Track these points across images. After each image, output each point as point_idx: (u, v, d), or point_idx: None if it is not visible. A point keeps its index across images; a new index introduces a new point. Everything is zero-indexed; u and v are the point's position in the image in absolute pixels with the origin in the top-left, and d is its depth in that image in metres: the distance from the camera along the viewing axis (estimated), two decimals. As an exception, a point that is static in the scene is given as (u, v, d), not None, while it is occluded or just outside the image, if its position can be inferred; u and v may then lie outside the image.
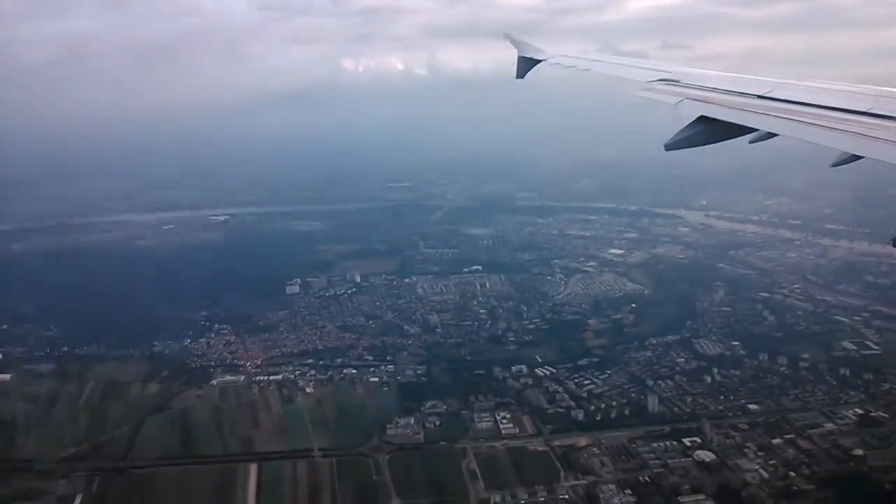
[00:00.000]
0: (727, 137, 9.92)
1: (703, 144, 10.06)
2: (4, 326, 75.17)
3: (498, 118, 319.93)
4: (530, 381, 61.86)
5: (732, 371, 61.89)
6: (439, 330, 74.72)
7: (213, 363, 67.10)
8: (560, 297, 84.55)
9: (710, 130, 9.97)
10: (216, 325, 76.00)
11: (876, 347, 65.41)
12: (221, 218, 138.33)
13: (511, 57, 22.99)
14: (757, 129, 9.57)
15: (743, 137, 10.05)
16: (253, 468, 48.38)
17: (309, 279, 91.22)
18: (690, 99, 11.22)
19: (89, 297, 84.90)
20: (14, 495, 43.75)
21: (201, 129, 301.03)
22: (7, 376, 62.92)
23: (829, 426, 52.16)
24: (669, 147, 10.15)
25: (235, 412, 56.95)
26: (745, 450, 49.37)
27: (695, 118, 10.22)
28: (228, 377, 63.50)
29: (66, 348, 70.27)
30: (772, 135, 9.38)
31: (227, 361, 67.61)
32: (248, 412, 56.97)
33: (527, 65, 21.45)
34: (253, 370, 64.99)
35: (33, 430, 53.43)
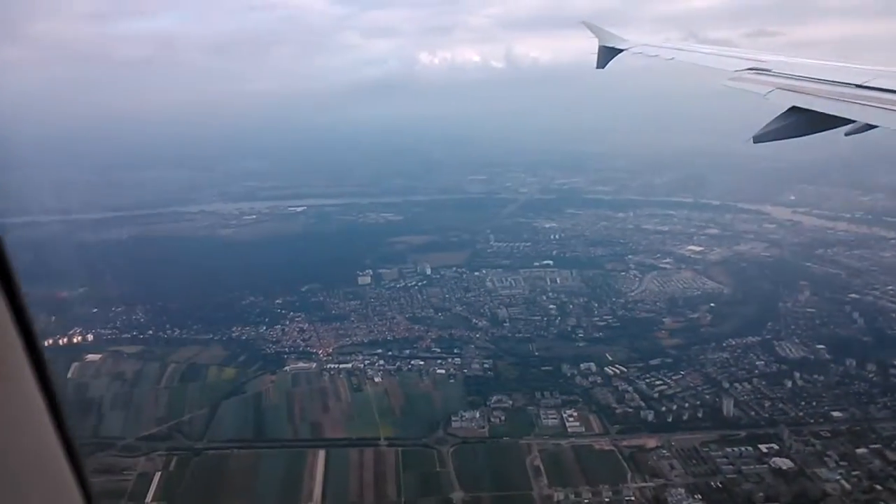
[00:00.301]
0: (821, 129, 9.50)
1: (795, 136, 9.69)
2: (96, 310, 79.81)
3: (576, 110, 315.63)
4: (599, 379, 60.65)
5: (816, 376, 58.71)
6: (507, 324, 74.33)
7: (286, 349, 69.16)
8: (634, 294, 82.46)
9: (802, 122, 9.57)
10: (291, 313, 78.27)
11: (979, 356, 60.68)
12: (300, 209, 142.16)
13: (591, 47, 22.57)
14: (854, 121, 9.04)
15: (838, 129, 9.55)
16: (321, 454, 49.62)
17: (381, 270, 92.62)
18: (782, 89, 10.79)
19: (175, 284, 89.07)
20: (97, 469, 46.47)
21: (283, 121, 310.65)
22: (98, 356, 66.86)
23: (923, 439, 48.77)
24: (759, 139, 9.87)
25: (306, 398, 58.57)
26: (826, 459, 46.84)
27: (786, 109, 9.82)
28: (301, 364, 65.34)
29: (151, 331, 74.09)
30: (870, 126, 8.88)
31: (300, 348, 69.54)
32: (319, 399, 58.45)
33: (608, 54, 21.19)
34: (324, 358, 66.62)
35: (119, 409, 56.67)
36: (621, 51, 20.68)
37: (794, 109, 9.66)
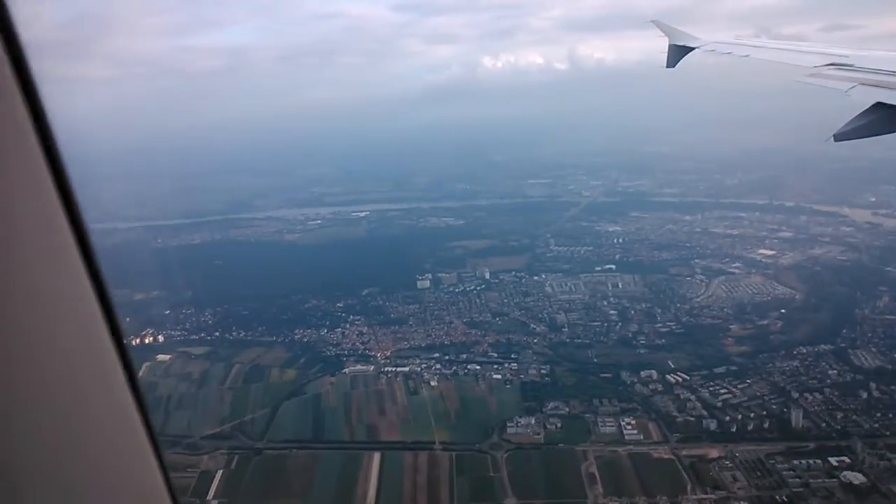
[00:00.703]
0: None
1: (880, 134, 9.29)
2: (168, 311, 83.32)
3: (643, 110, 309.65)
4: (660, 387, 59.01)
5: (893, 387, 55.44)
6: (566, 330, 73.33)
7: (346, 352, 70.34)
8: (699, 299, 79.97)
9: (888, 119, 9.20)
10: (351, 317, 79.59)
11: None
12: (362, 214, 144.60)
13: (659, 46, 22.34)
14: None
15: None
16: (376, 456, 50.21)
17: (440, 274, 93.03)
18: (865, 84, 10.39)
19: (241, 287, 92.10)
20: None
21: (349, 129, 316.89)
22: (168, 356, 69.77)
23: None
24: (840, 137, 9.58)
25: (363, 401, 59.40)
26: (903, 475, 44.17)
27: (870, 105, 9.46)
28: (359, 366, 66.37)
29: (218, 333, 76.80)
30: None
31: (359, 351, 70.59)
32: (375, 401, 59.17)
33: (678, 53, 20.92)
34: (382, 361, 67.45)
35: (185, 408, 58.95)
36: (692, 49, 20.39)
37: (878, 106, 9.33)
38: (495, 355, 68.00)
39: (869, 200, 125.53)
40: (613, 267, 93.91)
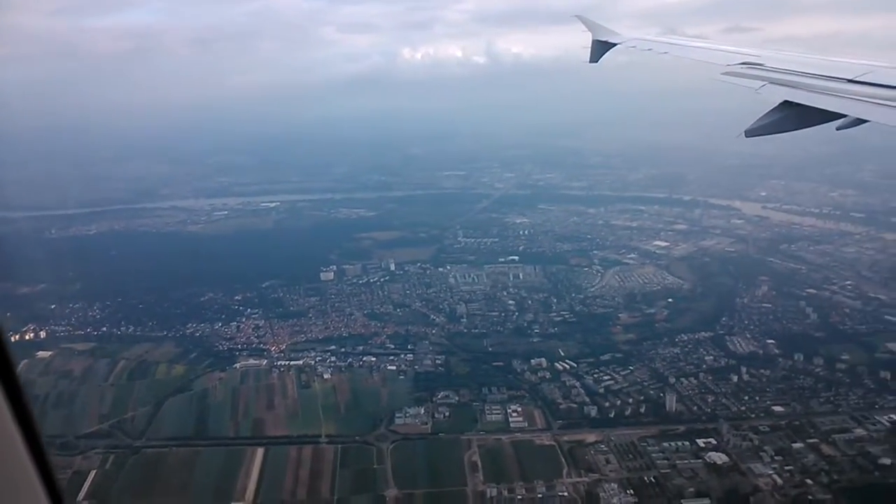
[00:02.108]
0: (813, 124, 9.53)
1: (787, 131, 9.72)
2: (53, 306, 79.19)
3: (560, 105, 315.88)
4: (548, 374, 60.61)
5: (762, 371, 58.96)
6: (464, 320, 74.21)
7: (239, 347, 68.79)
8: (594, 289, 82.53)
9: (794, 116, 9.60)
10: (248, 310, 77.92)
11: (926, 350, 61.05)
12: (272, 204, 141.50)
13: (576, 42, 22.46)
14: (846, 115, 9.04)
15: (829, 124, 9.62)
16: (259, 452, 49.38)
17: (345, 266, 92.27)
18: (774, 83, 10.79)
19: (135, 280, 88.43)
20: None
21: (263, 116, 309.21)
22: (48, 353, 66.27)
23: (859, 432, 49.05)
24: (750, 133, 9.85)
25: (252, 396, 58.27)
26: (762, 453, 47.01)
27: (778, 103, 9.83)
28: (252, 361, 65.05)
29: (105, 328, 73.57)
30: (861, 121, 8.89)
31: (253, 345, 69.21)
32: (265, 396, 58.16)
33: (601, 49, 21.20)
34: (276, 354, 66.33)
35: (62, 407, 56.19)
36: (614, 45, 20.72)
37: (786, 104, 9.69)
38: (392, 346, 68.09)
39: (760, 195, 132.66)
40: (517, 258, 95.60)
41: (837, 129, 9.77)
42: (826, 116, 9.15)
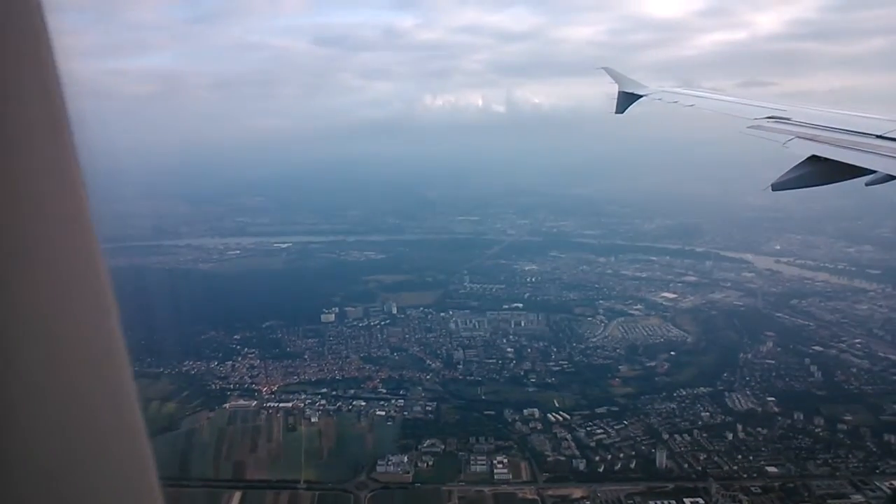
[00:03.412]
0: (841, 179, 9.48)
1: (814, 185, 9.74)
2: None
3: (579, 154, 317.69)
4: (539, 425, 59.31)
5: (759, 429, 57.03)
6: (461, 366, 73.32)
7: (231, 386, 68.54)
8: (596, 339, 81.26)
9: (822, 171, 9.55)
10: (246, 349, 77.81)
11: (934, 415, 58.72)
12: (284, 245, 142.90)
13: (591, 92, 22.97)
14: (875, 171, 8.95)
15: (857, 180, 9.54)
16: (236, 496, 48.63)
17: (347, 308, 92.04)
18: (801, 137, 10.80)
19: (140, 316, 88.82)
20: None
21: (284, 159, 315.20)
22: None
23: (857, 498, 46.93)
24: (778, 187, 9.92)
25: (237, 437, 57.73)
26: (752, 517, 45.19)
27: (805, 158, 9.81)
28: (242, 401, 64.65)
29: (102, 364, 73.72)
30: (891, 177, 8.82)
31: (246, 385, 68.91)
32: (249, 438, 57.59)
33: (627, 100, 21.38)
34: (266, 395, 65.92)
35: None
36: (640, 97, 20.84)
37: (813, 158, 9.65)
38: (384, 391, 67.34)
39: (774, 248, 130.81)
40: (521, 305, 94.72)
41: (867, 184, 9.66)
42: (854, 172, 9.10)
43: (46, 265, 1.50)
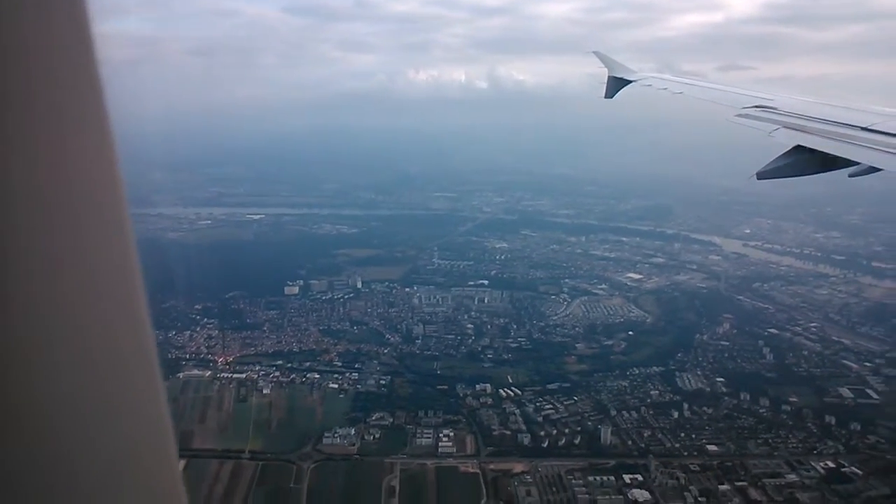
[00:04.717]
0: (825, 169, 9.68)
1: (799, 175, 9.88)
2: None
3: (560, 133, 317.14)
4: (490, 400, 59.80)
5: (705, 408, 57.89)
6: (419, 341, 73.56)
7: (188, 356, 68.33)
8: (557, 318, 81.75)
9: (807, 161, 9.73)
10: (205, 319, 77.61)
11: (876, 397, 59.65)
12: (257, 217, 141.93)
13: (573, 72, 22.92)
14: (859, 163, 9.15)
15: (841, 171, 9.76)
16: (180, 464, 48.44)
17: (312, 281, 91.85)
18: (787, 127, 10.92)
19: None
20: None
21: (262, 128, 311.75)
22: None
23: (791, 477, 47.85)
24: (762, 176, 10.05)
25: (186, 407, 57.57)
26: (686, 493, 45.91)
27: (791, 147, 9.95)
28: (196, 371, 64.51)
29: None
30: (874, 169, 8.97)
31: (202, 356, 68.75)
32: (199, 408, 57.55)
33: (616, 85, 21.49)
34: (221, 366, 65.81)
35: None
36: (630, 82, 20.97)
37: (799, 148, 9.78)
38: (339, 364, 67.43)
39: (744, 232, 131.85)
40: (486, 282, 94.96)
41: (850, 176, 9.87)
42: (838, 163, 9.28)
43: (82, 262, 1.46)
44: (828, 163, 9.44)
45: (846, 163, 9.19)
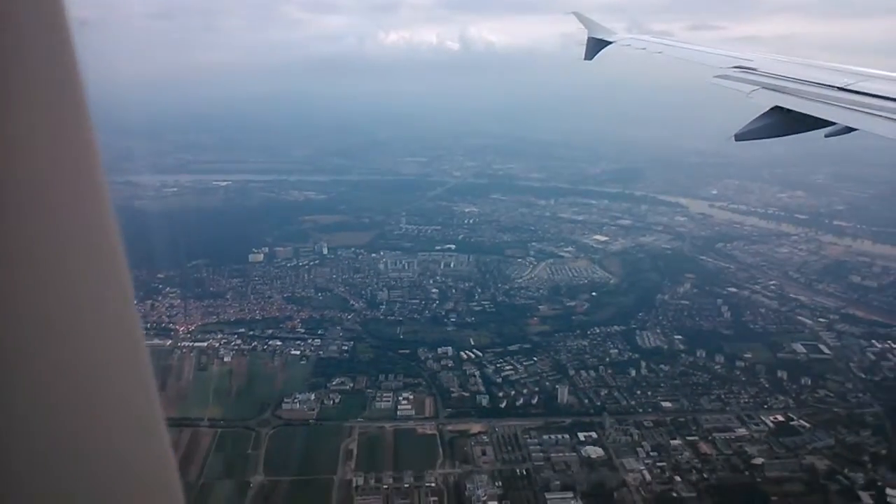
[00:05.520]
0: (802, 130, 9.66)
1: (776, 136, 9.83)
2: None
3: (533, 96, 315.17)
4: (451, 363, 60.25)
5: (661, 366, 58.97)
6: (383, 307, 73.59)
7: (149, 325, 67.46)
8: (521, 280, 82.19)
9: (784, 122, 9.70)
10: (167, 288, 76.69)
11: (828, 352, 61.20)
12: (224, 183, 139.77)
13: (547, 33, 22.41)
14: (835, 123, 9.09)
15: (818, 131, 9.69)
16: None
17: (277, 248, 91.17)
18: (766, 88, 10.87)
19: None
20: None
21: (228, 94, 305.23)
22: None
23: (741, 431, 49.23)
24: (740, 137, 9.99)
25: (146, 375, 57.14)
26: (639, 449, 46.99)
27: (769, 108, 9.92)
28: (156, 340, 63.93)
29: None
30: (850, 129, 8.95)
31: (163, 324, 68.16)
32: (159, 377, 56.45)
33: (596, 46, 21.24)
34: (182, 335, 65.37)
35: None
36: (609, 43, 20.73)
37: (776, 109, 9.74)
38: (302, 331, 67.30)
39: (711, 193, 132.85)
40: (453, 247, 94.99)
41: (826, 136, 9.84)
42: (815, 123, 9.26)
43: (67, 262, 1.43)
44: (805, 123, 9.47)
45: (823, 123, 9.23)
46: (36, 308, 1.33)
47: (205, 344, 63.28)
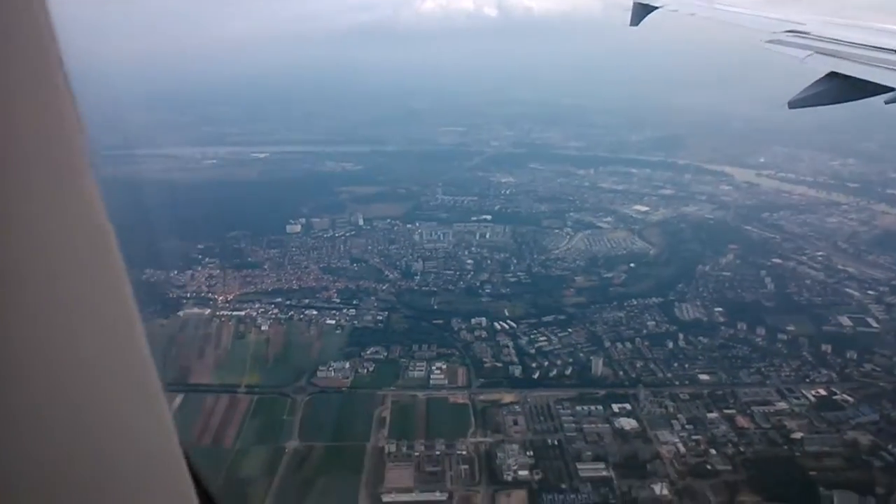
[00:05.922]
0: (860, 97, 9.25)
1: (833, 103, 9.45)
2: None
3: (572, 62, 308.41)
4: (484, 333, 60.07)
5: (700, 338, 57.71)
6: (418, 277, 73.66)
7: (189, 295, 69.12)
8: (558, 251, 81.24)
9: (841, 88, 9.28)
10: (207, 259, 78.13)
11: (875, 326, 59.03)
12: (262, 155, 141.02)
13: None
14: (895, 89, 8.62)
15: (877, 97, 9.16)
16: (177, 399, 49.70)
17: (314, 219, 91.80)
18: (821, 53, 10.43)
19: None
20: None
21: (267, 66, 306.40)
22: None
23: (781, 405, 47.97)
24: (794, 105, 9.68)
25: (187, 344, 58.66)
26: (674, 421, 46.24)
27: (824, 74, 9.51)
28: (196, 309, 65.35)
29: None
30: None
31: (202, 294, 69.52)
32: (198, 345, 58.54)
33: (642, 11, 20.51)
34: (221, 304, 66.56)
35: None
36: (656, 8, 20.00)
37: (832, 75, 9.32)
38: (338, 301, 67.85)
39: (758, 161, 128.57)
40: (489, 217, 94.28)
41: (886, 102, 9.24)
42: (875, 89, 8.77)
43: (60, 258, 1.37)
44: (864, 89, 8.95)
45: (883, 89, 8.65)
46: (23, 307, 1.28)
47: (243, 313, 64.36)
